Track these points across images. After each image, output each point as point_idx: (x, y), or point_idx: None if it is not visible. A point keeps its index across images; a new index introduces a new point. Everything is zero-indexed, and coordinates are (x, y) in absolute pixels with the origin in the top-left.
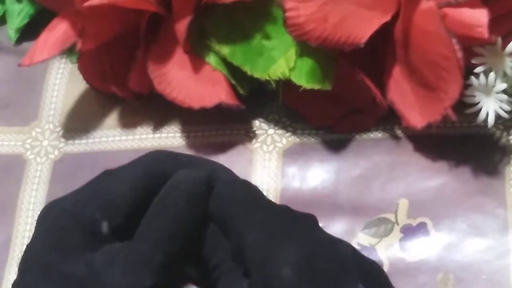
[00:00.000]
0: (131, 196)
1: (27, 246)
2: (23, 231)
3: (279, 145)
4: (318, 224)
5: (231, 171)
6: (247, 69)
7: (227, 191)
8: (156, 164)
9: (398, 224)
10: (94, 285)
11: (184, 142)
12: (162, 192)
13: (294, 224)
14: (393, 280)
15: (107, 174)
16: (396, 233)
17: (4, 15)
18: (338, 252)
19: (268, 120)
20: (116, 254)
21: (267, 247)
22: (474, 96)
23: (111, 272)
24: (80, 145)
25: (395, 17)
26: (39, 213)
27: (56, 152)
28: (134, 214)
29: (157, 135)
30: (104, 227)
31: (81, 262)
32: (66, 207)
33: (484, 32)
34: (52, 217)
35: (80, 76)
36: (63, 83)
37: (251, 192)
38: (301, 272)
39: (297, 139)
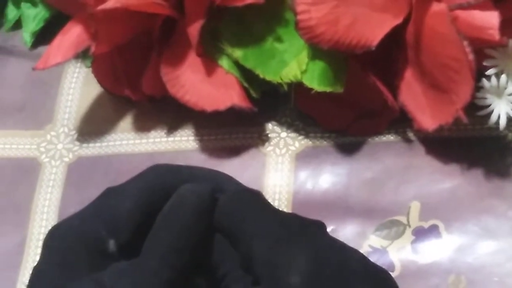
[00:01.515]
0: (136, 212)
1: (34, 267)
2: (38, 234)
3: (292, 148)
4: (326, 231)
5: (235, 180)
6: (259, 72)
7: (232, 202)
8: (158, 178)
9: (410, 226)
10: None
11: (197, 146)
12: (166, 208)
13: (302, 231)
14: (405, 282)
15: (110, 192)
16: (408, 235)
17: (19, 20)
18: (347, 259)
19: (280, 123)
20: (124, 271)
21: (275, 255)
22: (485, 98)
23: None
24: (94, 148)
25: (406, 20)
26: (45, 235)
27: (71, 155)
28: (139, 231)
29: (170, 138)
30: (111, 245)
31: (89, 280)
32: (72, 227)
33: (495, 34)
34: (58, 237)
35: (95, 80)
36: (78, 87)
37: (256, 200)
38: (310, 279)
39: (310, 142)
